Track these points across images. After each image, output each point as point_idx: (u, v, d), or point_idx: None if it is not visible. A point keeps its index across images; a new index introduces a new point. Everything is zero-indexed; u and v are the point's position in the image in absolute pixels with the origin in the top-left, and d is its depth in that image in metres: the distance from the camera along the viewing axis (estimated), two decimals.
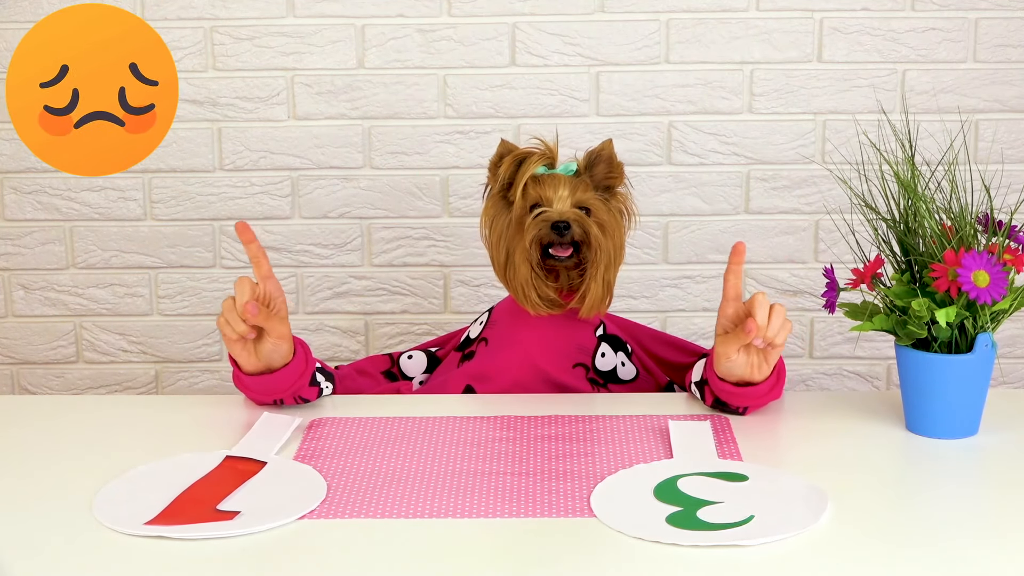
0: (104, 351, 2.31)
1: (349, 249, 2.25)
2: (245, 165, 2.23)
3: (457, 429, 1.44)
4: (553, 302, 1.58)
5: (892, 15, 2.15)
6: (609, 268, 1.57)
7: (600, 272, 1.56)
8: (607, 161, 1.60)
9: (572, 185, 1.57)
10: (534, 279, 1.56)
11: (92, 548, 1.14)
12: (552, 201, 1.56)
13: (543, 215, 1.55)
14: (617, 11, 2.15)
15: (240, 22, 2.18)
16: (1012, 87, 2.17)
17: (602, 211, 1.58)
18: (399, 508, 1.22)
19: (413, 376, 1.73)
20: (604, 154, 1.60)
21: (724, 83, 2.18)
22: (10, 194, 2.25)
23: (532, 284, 1.56)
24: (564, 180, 1.57)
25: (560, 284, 1.59)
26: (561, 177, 1.57)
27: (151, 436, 1.43)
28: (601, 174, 1.60)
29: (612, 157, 1.60)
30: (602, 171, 1.60)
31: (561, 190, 1.56)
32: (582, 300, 1.57)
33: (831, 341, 2.28)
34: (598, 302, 1.57)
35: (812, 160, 2.20)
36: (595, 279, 1.56)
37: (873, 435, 1.41)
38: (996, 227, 1.36)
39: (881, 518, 1.19)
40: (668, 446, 1.37)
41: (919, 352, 1.37)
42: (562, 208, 1.56)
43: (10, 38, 2.19)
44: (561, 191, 1.56)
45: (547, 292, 1.57)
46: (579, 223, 1.55)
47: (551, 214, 1.55)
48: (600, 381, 1.62)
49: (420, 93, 2.19)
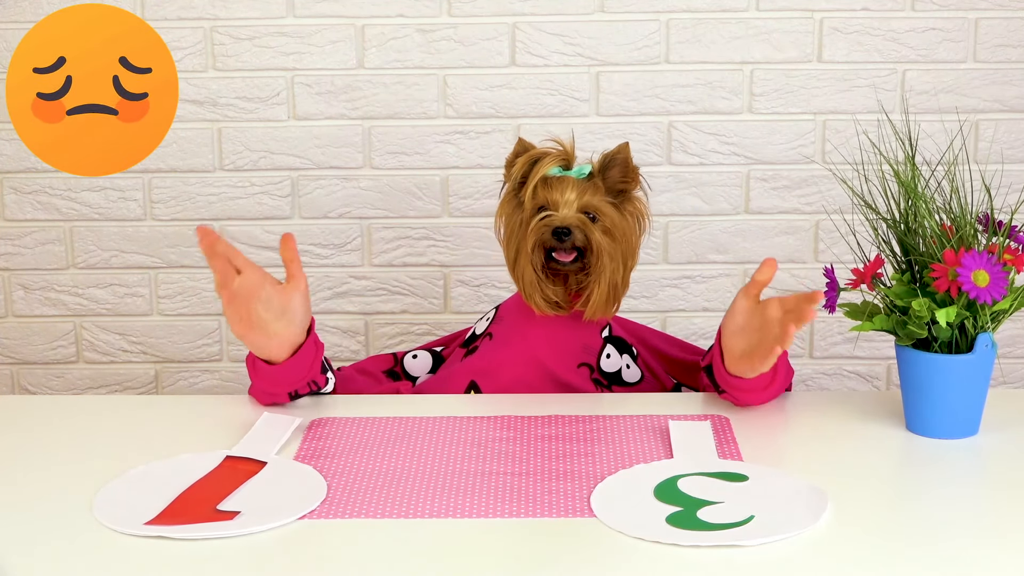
0: (104, 351, 2.31)
1: (349, 249, 2.25)
2: (245, 165, 2.23)
3: (457, 429, 1.44)
4: (558, 304, 1.58)
5: (892, 15, 2.15)
6: (616, 273, 1.56)
7: (605, 278, 1.55)
8: (622, 165, 1.58)
9: (581, 188, 1.56)
10: (539, 281, 1.56)
11: (92, 548, 1.14)
12: (558, 205, 1.55)
13: (546, 219, 1.55)
14: (617, 11, 2.15)
15: (240, 22, 2.18)
16: (1012, 87, 2.17)
17: (611, 216, 1.57)
18: (399, 508, 1.22)
19: (418, 376, 1.73)
20: (619, 158, 1.58)
21: (724, 83, 2.18)
22: (10, 194, 2.25)
23: (536, 286, 1.56)
24: (573, 183, 1.56)
25: (569, 287, 1.59)
26: (570, 180, 1.57)
27: (151, 436, 1.42)
28: (615, 178, 1.59)
29: (627, 161, 1.58)
30: (616, 175, 1.59)
31: (568, 193, 1.55)
32: (586, 304, 1.57)
33: (831, 341, 2.28)
34: (601, 307, 1.57)
35: (812, 160, 2.20)
36: (598, 284, 1.56)
37: (873, 435, 1.41)
38: (996, 227, 1.36)
39: (881, 518, 1.19)
40: (668, 446, 1.37)
41: (919, 352, 1.37)
42: (567, 213, 1.55)
43: (10, 38, 2.19)
44: (568, 194, 1.55)
45: (550, 295, 1.57)
46: (581, 229, 1.54)
47: (553, 219, 1.54)
48: (604, 382, 1.62)
49: (420, 93, 2.19)
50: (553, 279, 1.58)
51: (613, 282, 1.56)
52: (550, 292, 1.57)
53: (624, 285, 1.59)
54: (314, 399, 1.55)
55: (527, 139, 1.62)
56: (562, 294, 1.58)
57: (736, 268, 2.25)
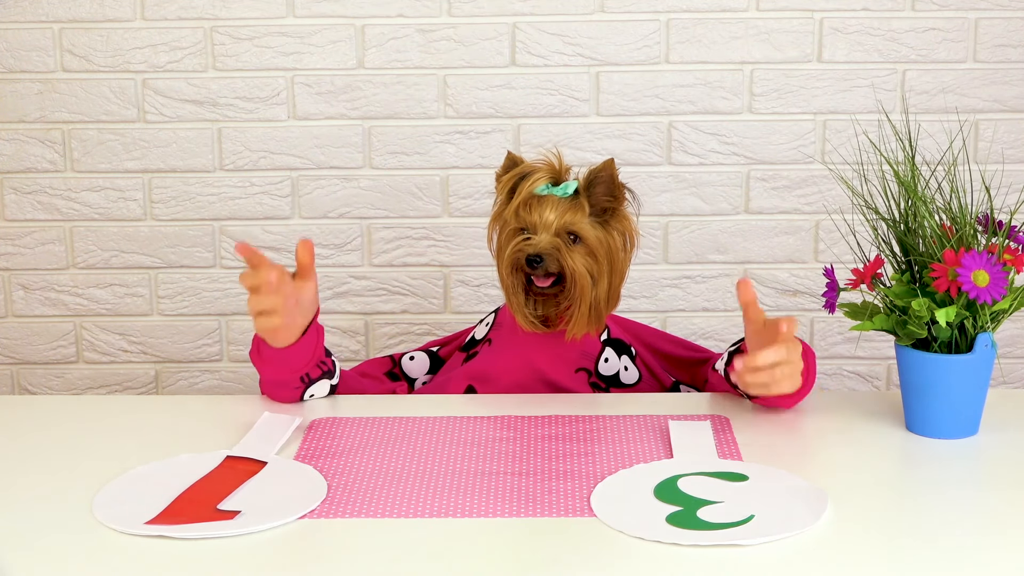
0: (104, 351, 2.31)
1: (349, 249, 2.25)
2: (245, 165, 2.23)
3: (457, 429, 1.44)
4: (544, 322, 1.57)
5: (892, 15, 2.15)
6: (599, 292, 1.53)
7: (585, 300, 1.52)
8: (607, 182, 1.52)
9: (562, 209, 1.51)
10: (521, 303, 1.55)
11: (92, 548, 1.14)
12: (536, 227, 1.51)
13: (520, 245, 1.52)
14: (617, 11, 2.15)
15: (240, 22, 2.18)
16: (1012, 87, 2.17)
17: (593, 235, 1.52)
18: (399, 508, 1.22)
19: (415, 377, 1.73)
20: (603, 175, 1.52)
21: (724, 83, 2.18)
22: (10, 194, 2.25)
23: (519, 307, 1.55)
24: (554, 203, 1.51)
25: (546, 311, 1.56)
26: (552, 200, 1.52)
27: (151, 436, 1.43)
28: (600, 195, 1.53)
29: (613, 178, 1.52)
30: (601, 192, 1.53)
31: (548, 214, 1.50)
32: (567, 324, 1.56)
33: (831, 341, 2.28)
34: (583, 327, 1.55)
35: (812, 160, 2.20)
36: (578, 308, 1.53)
37: (873, 435, 1.41)
38: (996, 227, 1.36)
39: (881, 518, 1.19)
40: (668, 446, 1.37)
41: (919, 352, 1.37)
42: (543, 237, 1.51)
43: (10, 38, 2.19)
44: (548, 215, 1.50)
45: (530, 315, 1.55)
46: (555, 256, 1.50)
47: (528, 245, 1.51)
48: (602, 386, 1.62)
49: (420, 93, 2.19)
50: (536, 299, 1.56)
51: (595, 303, 1.53)
52: (530, 313, 1.56)
53: (611, 301, 1.56)
54: (314, 400, 1.55)
55: (516, 152, 1.58)
56: (539, 315, 1.56)
57: (736, 268, 2.25)
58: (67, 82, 2.20)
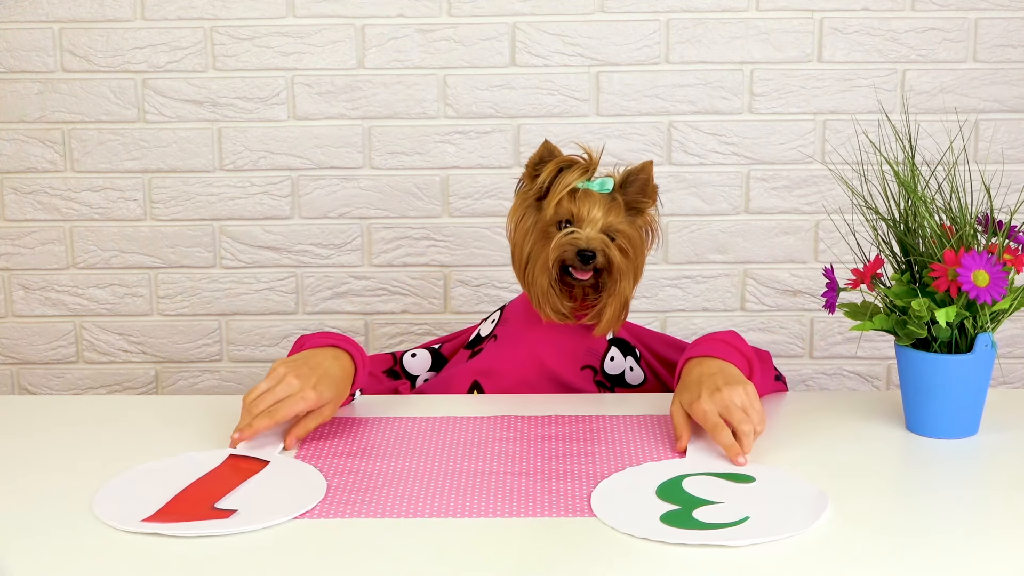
0: (104, 351, 2.31)
1: (349, 249, 2.25)
2: (245, 165, 2.23)
3: (458, 429, 1.44)
4: (566, 315, 1.58)
5: (892, 15, 2.15)
6: (628, 289, 1.57)
7: (618, 296, 1.56)
8: (643, 183, 1.58)
9: (606, 207, 1.55)
10: (552, 294, 1.56)
11: (90, 545, 1.14)
12: (583, 222, 1.54)
13: (571, 238, 1.54)
14: (617, 11, 2.15)
15: (240, 22, 2.18)
16: (1012, 87, 2.17)
17: (628, 234, 1.56)
18: (399, 508, 1.22)
19: (417, 375, 1.73)
20: (642, 176, 1.58)
21: (724, 83, 2.18)
22: (10, 194, 2.25)
23: (548, 298, 1.56)
24: (599, 200, 1.55)
25: (575, 297, 1.58)
26: (596, 196, 1.55)
27: (151, 436, 1.43)
28: (633, 194, 1.58)
29: (649, 179, 1.58)
30: (635, 191, 1.58)
31: (595, 211, 1.54)
32: (598, 318, 1.57)
33: (831, 341, 2.28)
34: (614, 322, 1.58)
35: (812, 160, 2.20)
36: (612, 303, 1.56)
37: (873, 435, 1.41)
38: (996, 227, 1.36)
39: (881, 518, 1.19)
40: (668, 446, 1.37)
41: (919, 352, 1.37)
42: (591, 232, 1.54)
43: (10, 38, 2.19)
44: (594, 212, 1.54)
45: (559, 307, 1.57)
46: (604, 252, 1.54)
47: (579, 239, 1.53)
48: (607, 385, 1.62)
49: (420, 93, 2.19)
50: (564, 292, 1.58)
51: (624, 299, 1.57)
52: (560, 304, 1.57)
53: (631, 298, 1.59)
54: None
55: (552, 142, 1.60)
56: (570, 306, 1.58)
57: (736, 268, 2.25)
58: (67, 82, 2.20)
